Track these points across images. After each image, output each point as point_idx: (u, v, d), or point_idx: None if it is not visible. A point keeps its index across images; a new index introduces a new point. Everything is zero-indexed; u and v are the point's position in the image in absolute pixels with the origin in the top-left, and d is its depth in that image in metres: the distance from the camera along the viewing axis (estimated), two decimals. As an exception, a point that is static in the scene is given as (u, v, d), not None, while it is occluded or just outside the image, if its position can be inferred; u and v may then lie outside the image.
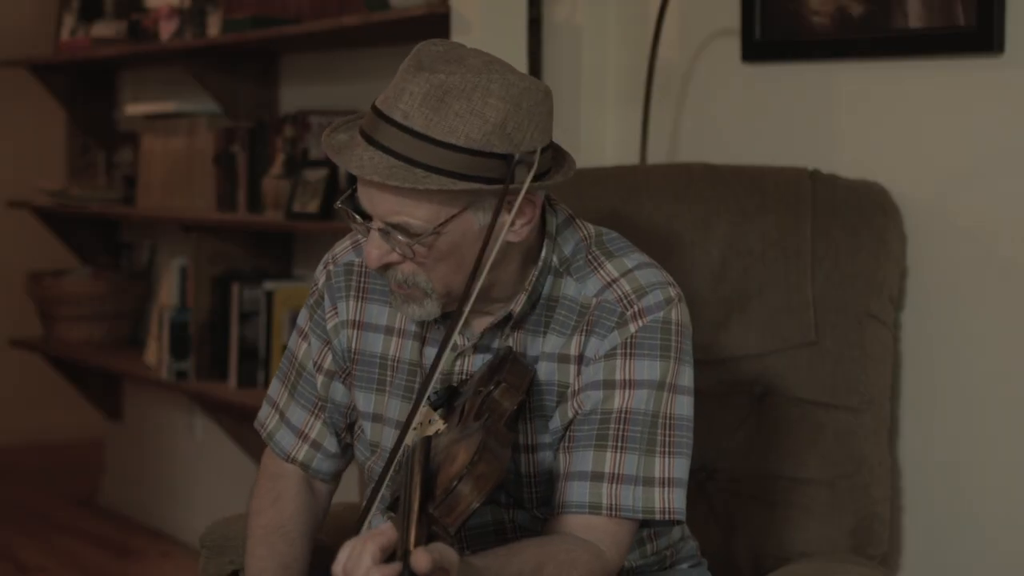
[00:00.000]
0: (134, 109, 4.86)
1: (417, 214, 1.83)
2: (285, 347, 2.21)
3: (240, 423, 4.29)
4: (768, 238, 2.55)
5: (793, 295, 2.51)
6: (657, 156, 3.06)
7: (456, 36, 3.13)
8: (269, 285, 4.15)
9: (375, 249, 1.88)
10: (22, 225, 5.64)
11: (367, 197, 1.86)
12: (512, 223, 1.87)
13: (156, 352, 4.53)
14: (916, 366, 2.61)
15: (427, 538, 1.64)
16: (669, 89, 3.05)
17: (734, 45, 2.90)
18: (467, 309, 1.83)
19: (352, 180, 1.91)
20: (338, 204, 1.95)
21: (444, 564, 1.59)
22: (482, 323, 2.00)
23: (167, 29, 4.46)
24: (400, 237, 1.85)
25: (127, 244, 5.24)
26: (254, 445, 4.27)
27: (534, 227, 1.92)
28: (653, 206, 2.64)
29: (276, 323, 4.07)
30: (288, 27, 3.82)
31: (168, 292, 4.53)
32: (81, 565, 4.64)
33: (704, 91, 3.00)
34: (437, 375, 1.84)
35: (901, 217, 2.56)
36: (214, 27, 4.26)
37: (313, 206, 3.78)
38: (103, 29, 4.89)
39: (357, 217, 1.90)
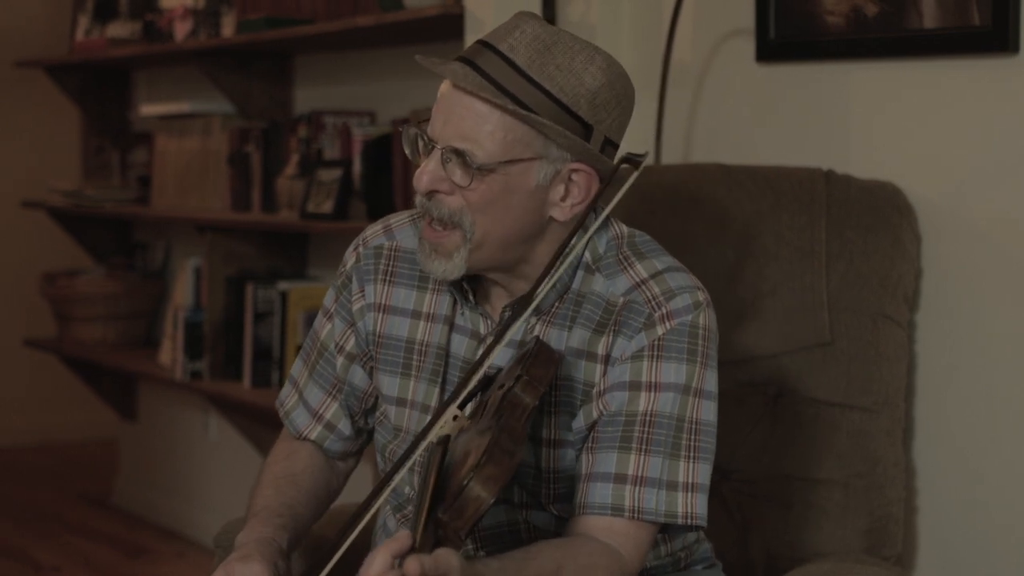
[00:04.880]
0: (148, 109, 4.87)
1: (486, 145, 1.86)
2: (299, 347, 2.21)
3: (254, 423, 4.30)
4: (782, 238, 2.54)
5: (807, 295, 2.51)
6: (672, 156, 3.06)
7: (470, 37, 3.13)
8: (283, 285, 4.15)
9: (429, 173, 1.90)
10: (36, 225, 5.66)
11: (443, 116, 1.89)
12: (564, 197, 1.92)
13: (170, 352, 4.54)
14: (931, 366, 2.61)
15: (433, 543, 1.65)
16: (683, 89, 3.05)
17: (748, 45, 2.89)
18: (527, 313, 1.86)
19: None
20: (403, 127, 1.98)
21: (437, 571, 1.59)
22: (502, 298, 2.01)
23: (182, 29, 4.47)
24: (463, 162, 1.87)
25: (141, 244, 5.25)
26: (268, 445, 4.24)
27: (580, 215, 1.93)
28: (668, 206, 2.64)
29: (290, 323, 4.07)
30: (302, 27, 3.83)
31: (182, 292, 4.54)
32: (95, 565, 4.65)
33: (718, 91, 3.00)
34: (476, 378, 1.84)
35: (916, 217, 2.55)
36: (228, 27, 4.27)
37: (327, 206, 3.78)
38: (118, 29, 4.91)
39: (424, 137, 1.92)
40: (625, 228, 2.04)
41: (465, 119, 1.87)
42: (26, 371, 6.17)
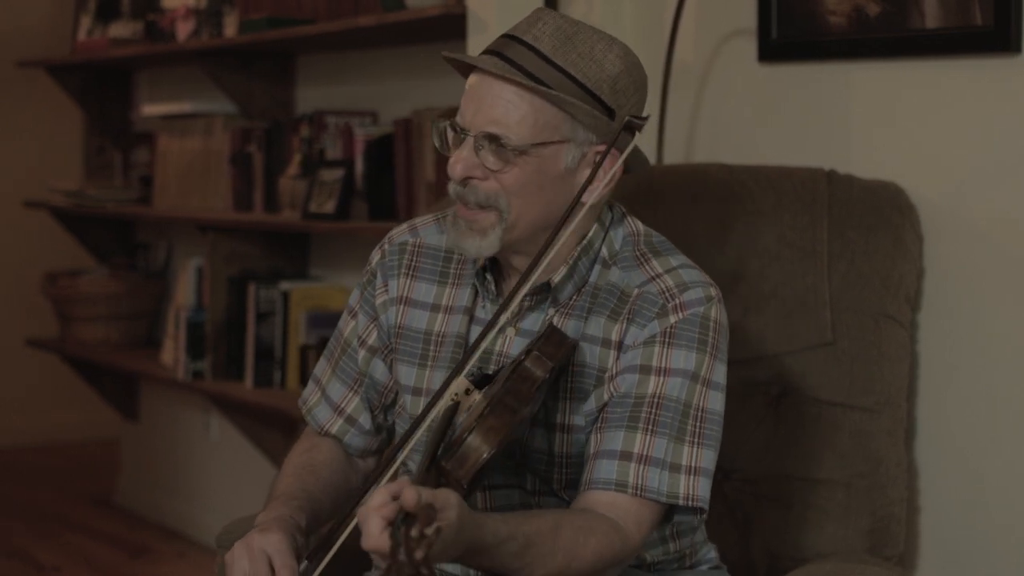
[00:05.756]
0: (150, 109, 4.87)
1: (517, 129, 1.94)
2: (301, 347, 2.24)
3: (256, 423, 4.30)
4: (784, 238, 2.54)
5: (809, 295, 2.51)
6: (674, 156, 3.06)
7: (472, 37, 3.13)
8: (285, 285, 4.15)
9: (463, 161, 1.97)
10: (39, 225, 5.66)
11: (474, 105, 1.96)
12: (591, 181, 1.97)
13: (172, 352, 4.54)
14: (933, 366, 2.61)
15: (435, 488, 1.70)
16: (685, 89, 3.05)
17: (750, 45, 2.89)
18: (526, 288, 1.91)
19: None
20: (433, 121, 2.05)
21: (436, 502, 1.63)
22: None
23: (183, 29, 4.47)
24: (496, 147, 1.94)
25: (143, 244, 5.25)
26: (270, 445, 4.28)
27: (606, 196, 2.01)
28: (669, 206, 2.64)
29: (292, 323, 4.07)
30: (304, 27, 3.83)
31: (184, 292, 4.54)
32: (96, 565, 4.65)
33: (720, 91, 3.00)
34: (480, 350, 1.90)
35: (918, 217, 2.55)
36: (230, 27, 4.27)
37: (329, 206, 3.78)
38: (120, 29, 4.91)
39: (456, 127, 1.99)
40: (641, 225, 2.10)
41: (496, 105, 1.94)
42: (28, 371, 6.17)
